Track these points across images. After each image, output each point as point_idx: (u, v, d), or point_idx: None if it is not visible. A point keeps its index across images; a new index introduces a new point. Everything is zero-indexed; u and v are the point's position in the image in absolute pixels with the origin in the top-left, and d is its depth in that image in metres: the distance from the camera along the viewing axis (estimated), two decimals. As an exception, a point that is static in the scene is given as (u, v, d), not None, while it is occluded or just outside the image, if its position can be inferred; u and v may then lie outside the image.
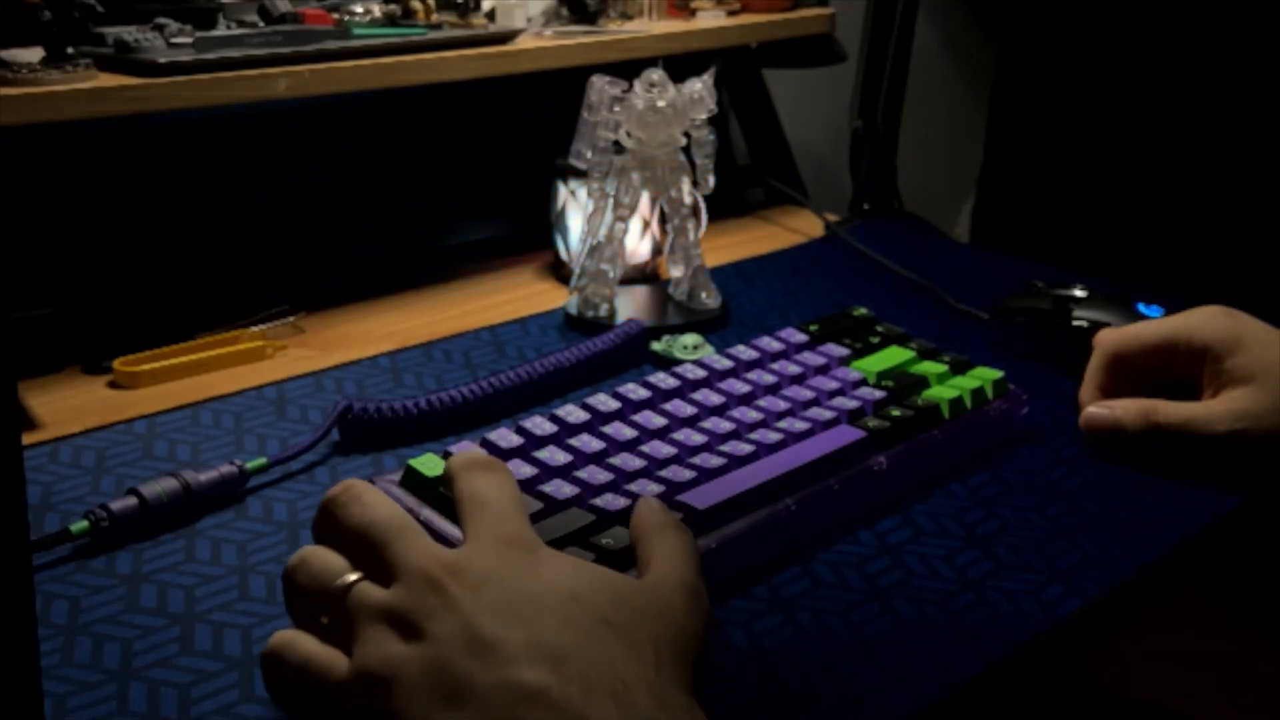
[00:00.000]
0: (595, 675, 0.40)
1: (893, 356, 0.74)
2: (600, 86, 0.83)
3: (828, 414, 0.67)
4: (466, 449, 0.60)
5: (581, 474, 0.59)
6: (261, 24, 0.89)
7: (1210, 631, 0.60)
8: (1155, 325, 0.72)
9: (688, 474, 0.60)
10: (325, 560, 0.46)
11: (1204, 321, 0.69)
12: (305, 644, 0.44)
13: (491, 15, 0.99)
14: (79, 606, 0.54)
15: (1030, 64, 1.34)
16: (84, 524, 0.58)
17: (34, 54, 0.78)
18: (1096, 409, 0.70)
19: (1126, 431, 0.68)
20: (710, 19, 1.11)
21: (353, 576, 0.44)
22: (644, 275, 0.97)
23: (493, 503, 0.47)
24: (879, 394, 0.69)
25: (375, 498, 0.47)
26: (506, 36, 0.95)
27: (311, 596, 0.45)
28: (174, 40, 0.82)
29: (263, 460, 0.65)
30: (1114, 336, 0.72)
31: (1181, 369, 0.69)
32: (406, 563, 0.43)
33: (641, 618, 0.43)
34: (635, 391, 0.68)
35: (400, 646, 0.41)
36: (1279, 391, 0.64)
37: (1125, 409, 0.68)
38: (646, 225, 0.96)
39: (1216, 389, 0.67)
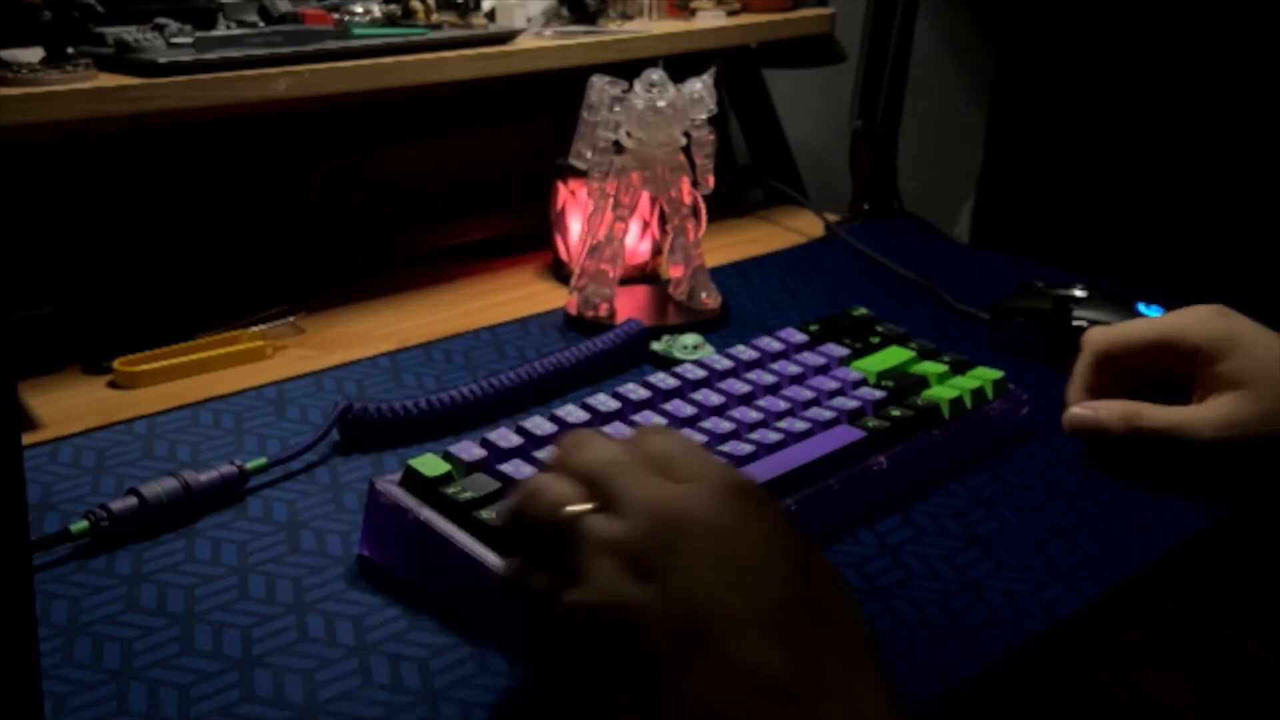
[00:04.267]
0: (825, 663, 0.39)
1: (893, 356, 0.74)
2: (600, 86, 0.83)
3: (828, 414, 0.67)
4: (466, 447, 0.60)
5: (581, 474, 0.59)
6: (261, 24, 0.89)
7: (1211, 631, 0.60)
8: (1147, 324, 0.71)
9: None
10: (558, 488, 0.45)
11: (1198, 322, 0.68)
12: (537, 577, 0.44)
13: (491, 15, 0.99)
14: (79, 606, 0.54)
15: (1030, 64, 1.34)
16: (84, 524, 0.58)
17: (34, 54, 0.78)
18: (1080, 409, 0.69)
19: (1110, 434, 0.67)
20: (710, 19, 1.11)
21: (582, 506, 0.44)
22: (644, 275, 0.97)
23: (689, 450, 0.46)
24: (879, 394, 0.69)
25: (604, 442, 0.46)
26: (506, 36, 0.95)
27: (541, 523, 0.44)
28: (174, 40, 0.82)
29: (263, 460, 0.65)
30: (1103, 335, 0.71)
31: (1173, 369, 0.68)
32: (635, 500, 0.43)
33: (851, 605, 0.43)
34: (635, 391, 0.68)
35: (628, 585, 0.41)
36: (1269, 399, 0.63)
37: (1109, 410, 0.67)
38: (646, 225, 0.96)
39: (1205, 393, 0.66)
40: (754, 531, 0.42)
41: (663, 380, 0.70)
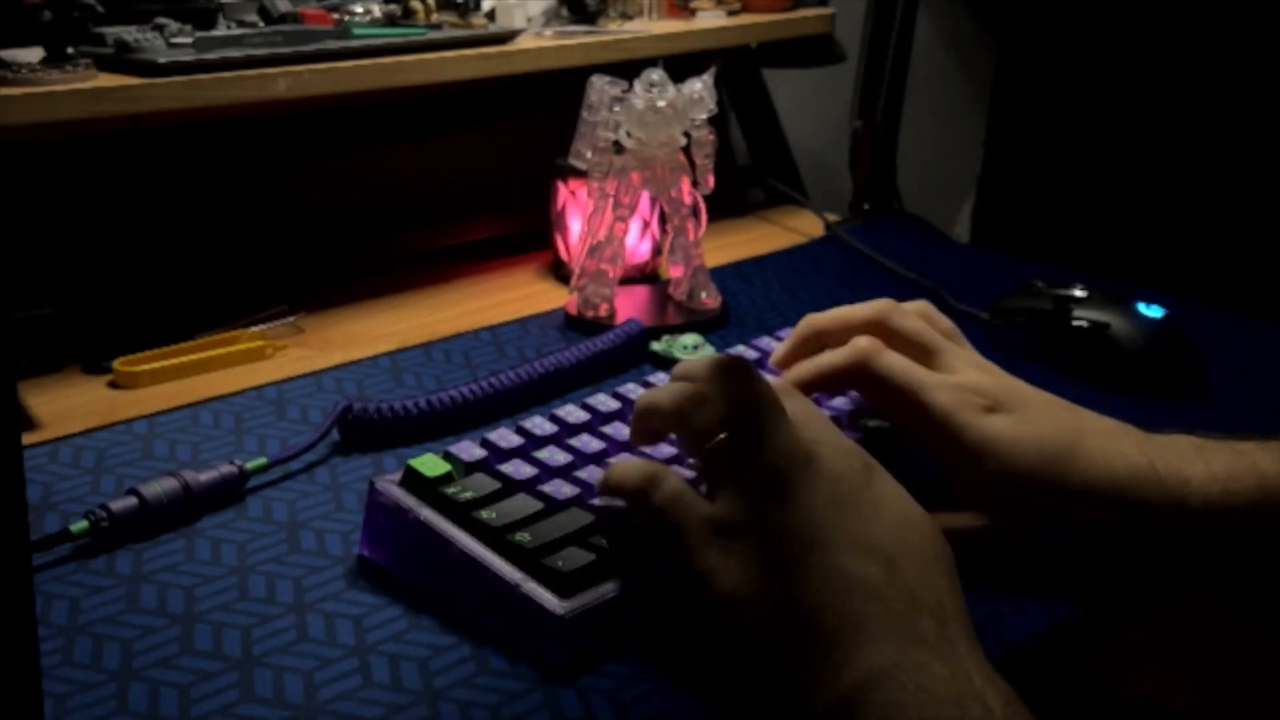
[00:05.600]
0: (920, 589, 0.44)
1: (893, 356, 0.74)
2: (600, 86, 0.83)
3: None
4: (466, 447, 0.60)
5: (581, 474, 0.59)
6: (261, 24, 0.89)
7: (1211, 631, 0.60)
8: (857, 308, 0.65)
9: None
10: (715, 412, 0.50)
11: (904, 313, 0.64)
12: (677, 480, 0.50)
13: (491, 15, 0.99)
14: (79, 606, 0.54)
15: (1030, 64, 1.34)
16: (84, 524, 0.58)
17: (34, 54, 0.78)
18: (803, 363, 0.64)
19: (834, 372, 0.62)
20: (710, 19, 1.11)
21: (727, 435, 0.49)
22: (644, 275, 0.97)
23: (820, 417, 0.51)
24: (879, 394, 0.69)
25: (755, 379, 0.50)
26: (506, 36, 0.95)
27: (693, 436, 0.50)
28: (174, 40, 0.82)
29: (263, 460, 0.65)
30: (817, 317, 0.66)
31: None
32: (779, 435, 0.48)
33: (952, 565, 0.47)
34: (635, 392, 0.68)
35: (760, 505, 0.46)
36: (999, 374, 0.61)
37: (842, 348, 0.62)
38: (646, 225, 0.96)
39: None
40: (871, 485, 0.48)
41: (663, 380, 0.70)
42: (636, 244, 0.95)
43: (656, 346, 0.82)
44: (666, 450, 0.62)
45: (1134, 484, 0.55)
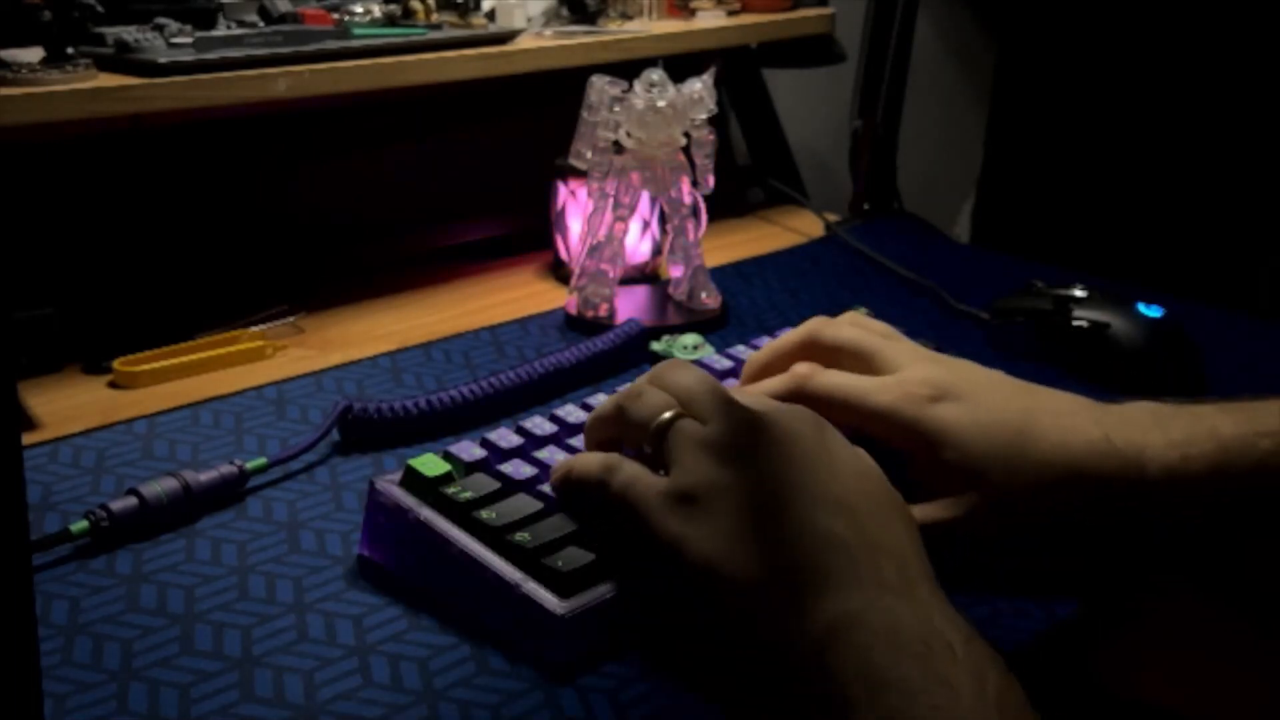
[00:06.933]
0: (881, 537, 0.45)
1: (893, 356, 0.74)
2: (600, 86, 0.83)
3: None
4: (466, 447, 0.60)
5: (581, 474, 0.59)
6: (261, 24, 0.89)
7: (1212, 631, 0.60)
8: (790, 333, 0.64)
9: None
10: (655, 398, 0.51)
11: (835, 325, 0.63)
12: (634, 465, 0.50)
13: (491, 15, 0.99)
14: (79, 606, 0.54)
15: (1030, 64, 1.35)
16: (84, 524, 0.58)
17: (34, 54, 0.78)
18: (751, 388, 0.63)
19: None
20: (710, 19, 1.11)
21: (673, 413, 0.50)
22: (644, 275, 0.97)
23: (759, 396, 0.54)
24: (879, 394, 0.69)
25: (696, 370, 0.52)
26: (506, 36, 0.95)
27: (637, 427, 0.51)
28: (174, 40, 0.82)
29: (263, 460, 0.65)
30: (755, 355, 0.66)
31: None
32: (725, 407, 0.49)
33: (907, 510, 0.49)
34: (635, 391, 0.68)
35: (717, 469, 0.47)
36: (947, 365, 0.60)
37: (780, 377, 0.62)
38: (646, 225, 0.96)
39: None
40: (824, 442, 0.49)
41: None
42: (636, 244, 0.95)
43: (656, 346, 0.82)
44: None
45: (1091, 458, 0.54)
